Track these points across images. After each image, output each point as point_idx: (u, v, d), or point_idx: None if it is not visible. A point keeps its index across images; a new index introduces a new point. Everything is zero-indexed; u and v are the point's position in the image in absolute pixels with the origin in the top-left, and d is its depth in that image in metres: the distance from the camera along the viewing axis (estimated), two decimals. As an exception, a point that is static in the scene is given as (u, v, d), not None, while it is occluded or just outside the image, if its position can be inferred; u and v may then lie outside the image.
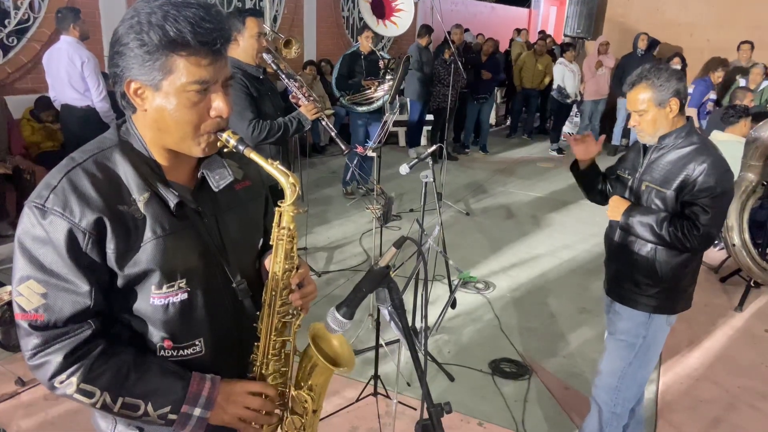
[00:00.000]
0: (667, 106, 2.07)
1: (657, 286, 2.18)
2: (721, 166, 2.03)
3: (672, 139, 2.12)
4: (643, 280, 2.20)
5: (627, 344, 2.27)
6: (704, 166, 2.01)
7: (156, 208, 1.12)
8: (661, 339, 2.28)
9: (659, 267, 2.17)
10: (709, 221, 2.00)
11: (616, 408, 2.33)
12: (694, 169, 2.03)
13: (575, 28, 11.65)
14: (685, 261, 2.16)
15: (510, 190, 7.00)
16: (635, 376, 2.28)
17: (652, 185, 2.14)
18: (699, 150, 2.07)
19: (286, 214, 1.19)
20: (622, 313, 2.29)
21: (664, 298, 2.20)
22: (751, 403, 3.10)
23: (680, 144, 2.10)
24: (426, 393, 1.11)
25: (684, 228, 2.02)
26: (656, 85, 2.06)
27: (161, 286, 1.14)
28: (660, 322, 2.24)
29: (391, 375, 3.14)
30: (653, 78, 2.06)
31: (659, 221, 2.06)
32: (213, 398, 1.17)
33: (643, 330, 2.24)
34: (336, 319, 1.16)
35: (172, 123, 1.09)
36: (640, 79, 2.09)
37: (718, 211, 2.02)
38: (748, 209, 4.11)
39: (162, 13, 1.03)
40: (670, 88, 2.05)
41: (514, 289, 4.33)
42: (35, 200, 1.06)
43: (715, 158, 2.04)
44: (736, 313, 4.10)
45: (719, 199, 2.02)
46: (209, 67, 1.07)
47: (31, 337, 1.08)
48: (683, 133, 2.11)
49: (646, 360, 2.27)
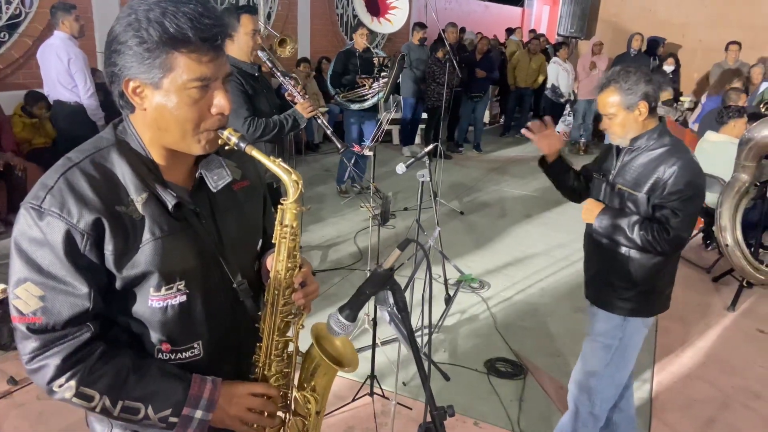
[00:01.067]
0: (636, 110, 2.06)
1: (633, 289, 2.18)
2: (691, 169, 2.02)
3: (644, 140, 2.11)
4: (619, 283, 2.20)
5: (603, 346, 2.27)
6: (674, 168, 2.00)
7: (154, 208, 1.10)
8: (638, 341, 2.27)
9: (634, 270, 2.16)
10: (680, 224, 1.99)
11: (593, 408, 2.32)
12: (665, 171, 2.02)
13: (569, 28, 11.71)
14: (661, 263, 2.16)
15: (504, 188, 7.01)
16: (612, 377, 2.28)
17: (625, 188, 2.13)
18: (670, 152, 2.05)
19: (289, 212, 1.18)
20: (599, 315, 2.29)
21: (641, 301, 2.20)
22: (745, 403, 3.12)
23: (652, 146, 2.09)
24: (429, 396, 1.10)
25: (654, 231, 2.01)
26: (624, 89, 2.05)
27: (160, 288, 1.12)
28: (636, 324, 2.23)
29: (387, 374, 3.14)
30: (621, 81, 2.05)
31: (631, 225, 2.06)
32: (214, 400, 1.16)
33: (619, 332, 2.23)
34: (339, 322, 1.15)
35: (172, 121, 1.08)
36: (608, 83, 2.08)
37: (689, 213, 2.01)
38: (741, 209, 4.12)
39: (160, 10, 1.01)
40: (638, 92, 2.04)
41: (509, 288, 4.33)
42: (32, 201, 1.05)
43: (686, 160, 2.02)
44: (729, 313, 4.12)
45: (690, 201, 2.01)
46: (210, 63, 1.06)
47: (29, 340, 1.06)
48: (655, 135, 2.10)
49: (623, 362, 2.27)
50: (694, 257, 5.06)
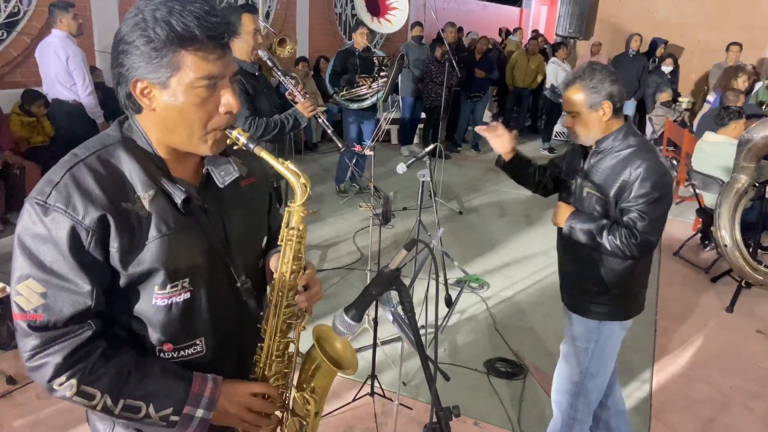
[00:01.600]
0: (600, 109, 2.01)
1: (606, 293, 2.15)
2: (657, 170, 1.96)
3: (609, 142, 2.06)
4: (592, 287, 2.16)
5: (581, 350, 2.23)
6: (640, 170, 1.95)
7: (161, 205, 1.10)
8: (614, 343, 2.24)
9: (606, 274, 2.13)
10: (647, 228, 1.95)
11: (576, 414, 2.29)
12: (630, 174, 1.97)
13: (567, 28, 11.71)
14: (632, 266, 2.12)
15: (503, 188, 7.01)
16: (593, 381, 2.24)
17: (593, 192, 2.09)
18: (635, 153, 2.00)
19: (296, 215, 1.17)
20: (574, 319, 2.26)
21: (615, 305, 2.16)
22: (744, 403, 3.13)
23: (618, 147, 2.04)
24: (435, 397, 1.10)
25: (622, 236, 1.97)
26: (588, 87, 2.00)
27: (165, 286, 1.12)
28: (612, 327, 2.19)
29: (386, 374, 3.13)
30: (587, 79, 2.00)
31: (599, 229, 2.02)
32: (215, 399, 1.15)
33: (595, 335, 2.20)
34: (345, 322, 1.15)
35: (180, 121, 1.07)
36: (574, 80, 2.04)
37: (656, 216, 1.97)
38: (740, 210, 4.13)
39: (166, 9, 1.01)
40: (602, 91, 1.99)
41: (508, 288, 4.33)
42: (37, 197, 1.04)
43: (652, 162, 1.97)
44: (727, 313, 4.12)
45: (657, 204, 1.96)
46: (218, 61, 1.05)
47: (29, 337, 1.05)
48: (620, 136, 2.05)
49: (602, 365, 2.23)
50: (692, 257, 5.07)
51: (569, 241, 2.17)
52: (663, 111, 7.63)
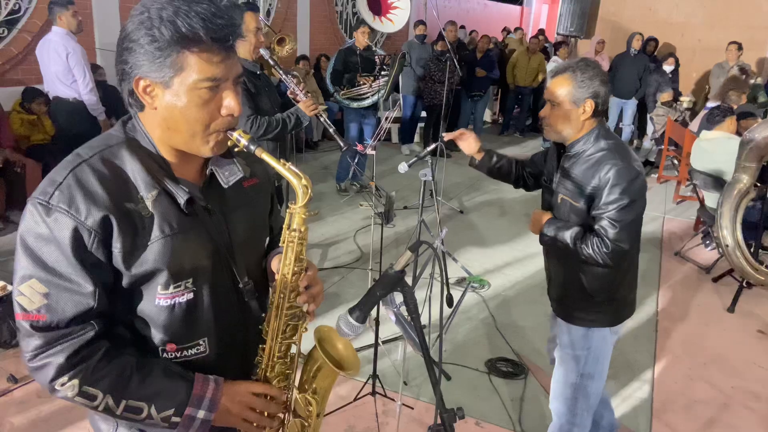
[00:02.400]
0: (581, 107, 1.95)
1: (590, 300, 2.11)
2: (627, 175, 1.89)
3: (580, 145, 2.00)
4: (577, 294, 2.12)
5: (573, 356, 2.20)
6: (609, 176, 1.89)
7: (164, 205, 1.10)
8: (607, 349, 2.20)
9: (589, 282, 2.08)
10: (618, 235, 1.89)
11: (575, 419, 2.26)
12: (600, 179, 1.91)
13: (568, 27, 11.71)
14: (617, 273, 2.06)
15: (503, 188, 6.94)
16: (589, 387, 2.21)
17: (567, 198, 2.03)
18: (605, 157, 1.94)
19: (298, 216, 1.17)
20: (563, 327, 2.23)
21: (602, 312, 2.12)
22: (745, 404, 3.12)
23: (589, 151, 1.98)
24: (439, 398, 1.09)
25: (594, 245, 1.92)
26: (577, 80, 1.94)
27: (168, 287, 1.11)
28: (603, 332, 2.16)
29: (388, 373, 3.13)
30: (578, 72, 1.94)
31: (573, 237, 1.97)
32: (217, 400, 1.15)
33: (587, 342, 2.16)
34: (349, 323, 1.15)
35: (182, 121, 1.07)
36: (564, 70, 1.98)
37: (628, 223, 1.91)
38: (742, 210, 4.12)
39: (173, 9, 1.00)
40: (589, 88, 1.93)
41: (509, 288, 4.33)
42: (39, 197, 1.03)
43: (622, 165, 1.90)
44: (729, 313, 4.12)
45: (627, 210, 1.90)
46: (221, 64, 1.05)
47: (32, 338, 1.05)
48: (591, 138, 1.99)
49: (597, 371, 2.20)
50: (693, 257, 5.07)
51: (549, 250, 2.14)
52: (664, 110, 7.63)
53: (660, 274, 4.69)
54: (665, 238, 5.59)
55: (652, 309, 4.08)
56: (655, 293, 4.34)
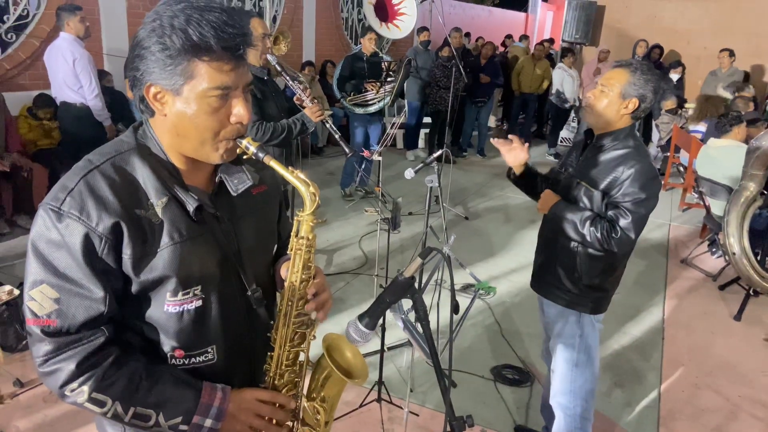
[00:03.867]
0: (626, 102, 2.08)
1: (573, 281, 2.22)
2: (648, 173, 2.05)
3: (609, 140, 2.13)
4: (565, 274, 2.24)
5: (567, 345, 2.31)
6: (632, 171, 2.03)
7: (174, 213, 1.10)
8: (595, 338, 2.32)
9: (580, 264, 2.20)
10: (629, 225, 2.02)
11: (577, 409, 2.35)
12: (623, 172, 2.05)
13: (573, 34, 11.71)
14: (610, 264, 2.19)
15: (508, 194, 7.00)
16: (584, 375, 2.32)
17: (583, 183, 2.16)
18: (631, 154, 2.08)
19: (305, 224, 1.17)
20: (552, 316, 2.35)
21: (581, 295, 2.23)
22: (752, 412, 3.10)
23: (616, 146, 2.12)
24: (449, 406, 1.09)
25: (604, 229, 2.04)
26: (635, 77, 2.06)
27: (176, 293, 1.11)
28: (590, 320, 2.28)
29: (393, 380, 3.12)
30: (638, 72, 2.07)
31: (582, 220, 2.09)
32: (224, 409, 1.15)
33: (579, 329, 2.28)
34: (358, 330, 1.14)
35: (191, 128, 1.07)
36: (629, 65, 2.11)
37: (639, 216, 2.04)
38: (749, 218, 4.11)
39: (185, 17, 1.00)
40: (641, 89, 2.06)
41: (515, 295, 4.32)
42: (51, 203, 1.04)
43: (644, 165, 2.05)
44: (735, 321, 4.10)
45: (642, 204, 2.03)
46: (231, 72, 1.05)
47: (42, 343, 1.05)
48: (621, 136, 2.12)
49: (590, 358, 2.31)
50: (700, 265, 5.05)
51: (551, 230, 2.25)
52: (668, 118, 7.62)
53: (666, 282, 4.67)
54: (671, 246, 5.57)
55: (658, 316, 4.06)
56: (662, 301, 4.32)
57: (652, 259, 5.07)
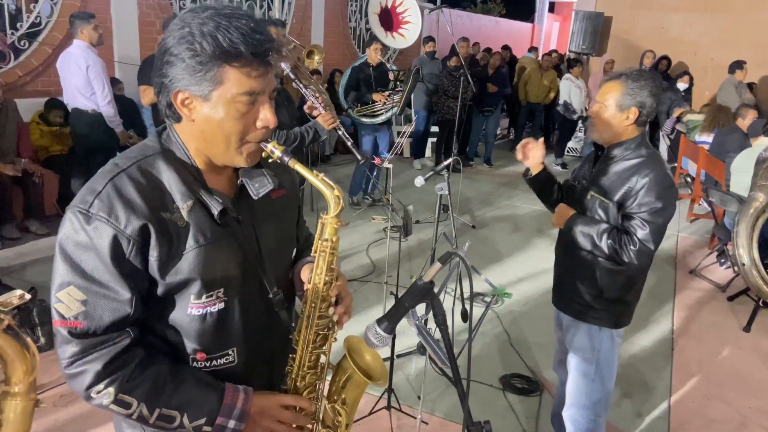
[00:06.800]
0: (626, 113, 2.06)
1: (596, 296, 2.19)
2: (663, 182, 2.02)
3: (621, 150, 2.11)
4: (585, 289, 2.21)
5: (584, 359, 2.28)
6: (647, 180, 2.00)
7: (199, 216, 1.11)
8: (615, 352, 2.29)
9: (600, 278, 2.17)
10: (647, 236, 1.99)
11: (590, 424, 2.33)
12: (637, 182, 2.02)
13: (580, 44, 11.74)
14: (630, 276, 2.16)
15: (515, 203, 7.00)
16: (601, 390, 2.29)
17: (597, 195, 2.14)
18: (645, 163, 2.05)
19: (329, 226, 1.19)
20: (571, 329, 2.30)
21: (604, 310, 2.20)
22: (763, 424, 3.08)
23: (628, 156, 2.09)
24: (467, 412, 1.10)
25: (622, 241, 2.01)
26: (627, 87, 2.05)
27: (200, 296, 1.13)
28: (610, 334, 2.24)
29: (402, 387, 3.12)
30: (630, 80, 2.05)
31: (600, 233, 2.06)
32: (247, 410, 1.16)
33: (597, 343, 2.24)
34: (377, 334, 1.15)
35: (219, 133, 1.09)
36: (619, 76, 2.10)
37: (657, 225, 2.01)
38: (758, 229, 4.10)
39: (213, 24, 1.03)
40: (636, 97, 2.04)
41: (523, 304, 4.31)
42: (80, 205, 1.05)
43: (659, 173, 2.02)
44: (744, 332, 4.08)
45: (659, 214, 2.00)
46: (259, 78, 1.07)
47: (69, 344, 1.06)
48: (633, 145, 2.10)
49: (608, 373, 2.28)
50: (709, 276, 5.03)
51: (569, 244, 2.21)
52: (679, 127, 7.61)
53: (675, 293, 4.66)
54: (680, 257, 5.55)
55: (667, 327, 4.05)
56: (671, 312, 4.31)
57: (661, 269, 5.05)
